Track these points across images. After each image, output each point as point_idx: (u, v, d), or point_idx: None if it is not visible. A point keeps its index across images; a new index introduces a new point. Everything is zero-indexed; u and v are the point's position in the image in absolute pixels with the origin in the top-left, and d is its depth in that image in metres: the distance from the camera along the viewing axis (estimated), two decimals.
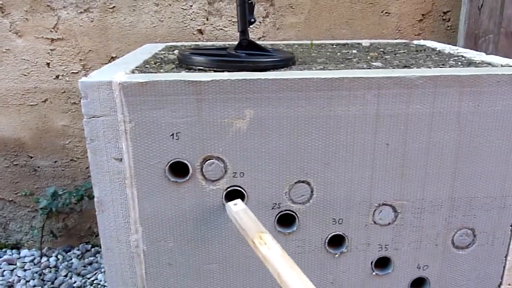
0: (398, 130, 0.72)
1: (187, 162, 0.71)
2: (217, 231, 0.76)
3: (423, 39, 1.24)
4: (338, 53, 0.97)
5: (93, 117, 0.69)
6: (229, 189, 0.73)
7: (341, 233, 0.77)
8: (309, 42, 1.16)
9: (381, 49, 1.04)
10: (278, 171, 0.73)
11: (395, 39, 1.35)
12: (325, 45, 1.12)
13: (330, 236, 0.77)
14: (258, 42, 0.83)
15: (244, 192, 0.73)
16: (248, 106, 0.69)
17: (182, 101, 0.68)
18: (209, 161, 0.72)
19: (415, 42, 1.17)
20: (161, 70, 0.76)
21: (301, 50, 1.04)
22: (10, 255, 1.49)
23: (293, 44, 1.16)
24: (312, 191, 0.74)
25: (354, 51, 1.00)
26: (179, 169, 0.73)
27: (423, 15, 1.36)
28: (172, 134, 0.70)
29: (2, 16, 1.34)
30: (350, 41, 1.20)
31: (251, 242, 0.62)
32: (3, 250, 1.52)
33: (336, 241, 0.79)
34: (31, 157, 1.46)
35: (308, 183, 0.74)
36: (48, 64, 1.38)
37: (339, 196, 0.75)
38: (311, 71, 0.74)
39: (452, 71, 0.73)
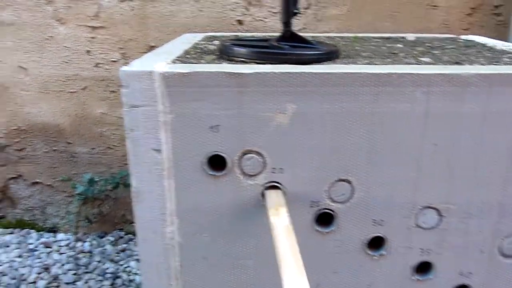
0: (447, 130, 0.68)
1: (225, 156, 0.70)
2: (254, 227, 0.74)
3: (472, 34, 1.18)
4: (383, 47, 0.93)
5: (134, 106, 0.69)
6: (267, 185, 0.72)
7: (381, 234, 0.74)
8: (351, 35, 1.13)
9: (428, 44, 0.99)
10: (319, 168, 0.71)
11: (442, 33, 1.29)
12: (368, 38, 1.08)
13: (369, 237, 0.75)
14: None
15: (283, 188, 0.71)
16: (290, 100, 0.67)
17: (223, 93, 0.67)
18: (248, 155, 0.70)
19: (463, 37, 1.12)
20: (202, 61, 0.75)
21: (344, 43, 1.01)
22: (47, 238, 1.53)
23: (335, 36, 1.12)
24: (353, 190, 0.72)
25: (400, 45, 0.96)
26: (217, 162, 0.71)
27: (472, 8, 1.29)
28: (212, 127, 0.69)
29: (46, 3, 1.36)
30: (394, 34, 1.16)
31: (267, 212, 0.64)
32: (40, 233, 1.56)
33: (376, 243, 0.76)
34: (70, 143, 1.48)
35: (349, 182, 0.71)
36: (88, 52, 1.40)
37: (381, 196, 0.72)
38: (357, 66, 0.71)
39: (509, 69, 0.69)
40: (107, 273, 1.37)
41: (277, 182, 0.71)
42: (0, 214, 1.59)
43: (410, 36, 1.11)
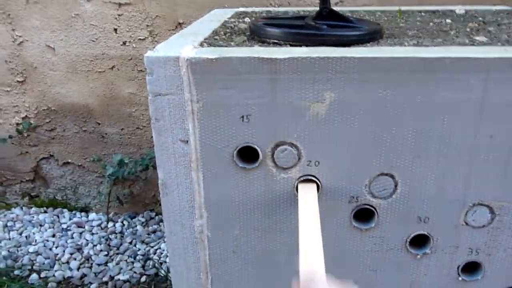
0: (506, 122, 0.61)
1: (257, 147, 0.65)
2: (286, 222, 0.70)
3: None
4: (430, 23, 0.85)
5: (159, 95, 0.64)
6: (302, 178, 0.66)
7: (426, 233, 0.69)
8: (393, 8, 1.04)
9: (480, 19, 0.90)
10: (359, 162, 0.65)
11: (494, 5, 1.18)
12: (412, 12, 0.99)
13: (413, 235, 0.69)
14: (335, 8, 0.73)
15: (319, 183, 0.66)
16: (328, 88, 0.61)
17: (255, 80, 0.61)
18: (281, 147, 0.65)
19: None
20: (232, 43, 0.69)
21: (386, 18, 0.92)
22: (79, 217, 1.54)
23: (375, 10, 1.04)
24: (396, 185, 0.66)
25: (449, 21, 0.87)
26: (248, 155, 0.66)
27: None
28: (242, 116, 0.64)
29: None
30: (440, 7, 1.06)
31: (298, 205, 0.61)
32: (73, 212, 1.56)
33: (420, 241, 0.70)
34: (99, 124, 1.46)
35: (393, 176, 0.65)
36: (115, 30, 1.35)
37: (427, 192, 0.66)
38: (404, 48, 0.63)
39: None
40: (138, 254, 1.37)
41: (313, 176, 0.66)
42: (34, 194, 1.61)
43: (460, 9, 1.01)
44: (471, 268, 0.71)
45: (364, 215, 0.69)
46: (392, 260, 0.71)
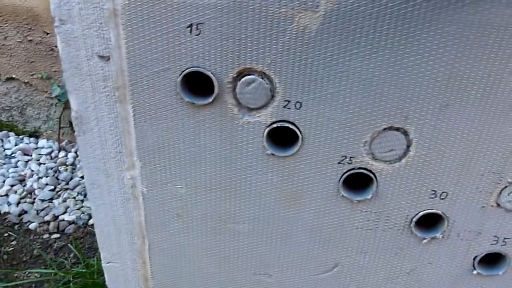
0: None
1: (211, 75, 0.44)
2: (250, 182, 0.51)
3: None
4: None
5: None
6: (274, 125, 0.46)
7: (440, 212, 0.50)
8: None
9: None
10: (359, 108, 0.44)
11: None
12: None
13: (422, 213, 0.50)
14: None
15: (299, 133, 0.46)
16: None
17: None
18: (247, 77, 0.44)
19: None
20: None
21: None
22: (27, 143, 1.33)
23: None
24: (408, 146, 0.46)
25: None
26: (199, 84, 0.46)
27: None
28: (190, 25, 0.42)
29: None
30: None
31: None
32: (20, 137, 1.35)
33: (429, 222, 0.52)
34: (47, 34, 1.21)
35: (405, 133, 0.45)
36: None
37: (450, 158, 0.46)
38: None
39: None
40: None
41: (291, 122, 0.46)
42: None
43: None
44: (491, 260, 0.54)
45: (358, 181, 0.50)
46: (389, 242, 0.53)
